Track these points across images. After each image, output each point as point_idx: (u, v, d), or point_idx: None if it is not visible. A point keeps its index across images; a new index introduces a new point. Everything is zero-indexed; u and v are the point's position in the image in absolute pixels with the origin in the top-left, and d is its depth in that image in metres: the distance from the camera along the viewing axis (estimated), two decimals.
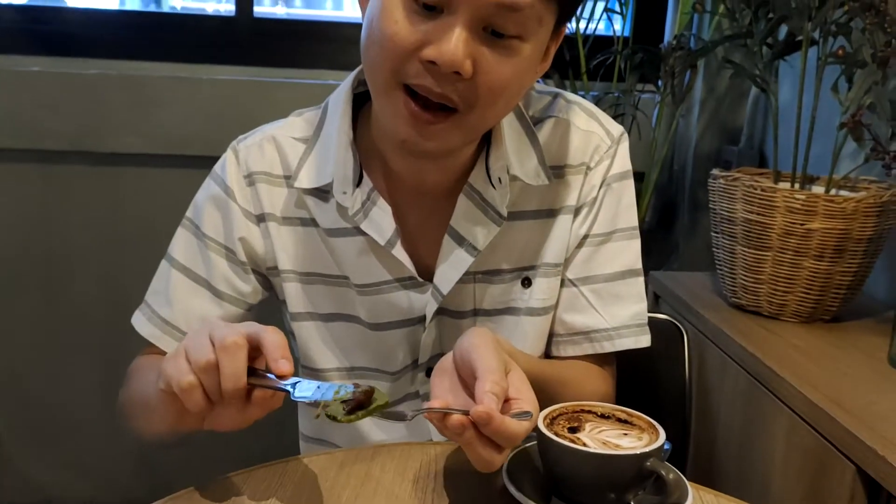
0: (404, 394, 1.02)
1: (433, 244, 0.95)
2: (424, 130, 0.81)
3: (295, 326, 1.01)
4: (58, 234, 1.98)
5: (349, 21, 2.12)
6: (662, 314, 1.23)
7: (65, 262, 1.99)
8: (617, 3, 1.89)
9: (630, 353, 0.99)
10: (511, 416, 0.69)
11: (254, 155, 0.97)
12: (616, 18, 1.92)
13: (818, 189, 1.38)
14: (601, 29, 1.93)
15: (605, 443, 0.73)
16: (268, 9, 2.62)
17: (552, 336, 1.01)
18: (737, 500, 0.80)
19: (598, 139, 0.98)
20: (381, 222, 0.92)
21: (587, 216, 0.98)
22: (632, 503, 0.72)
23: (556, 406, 0.78)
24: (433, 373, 0.77)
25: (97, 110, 1.88)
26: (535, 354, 1.00)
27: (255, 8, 2.00)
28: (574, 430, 0.75)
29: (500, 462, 0.70)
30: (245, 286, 0.98)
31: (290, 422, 1.10)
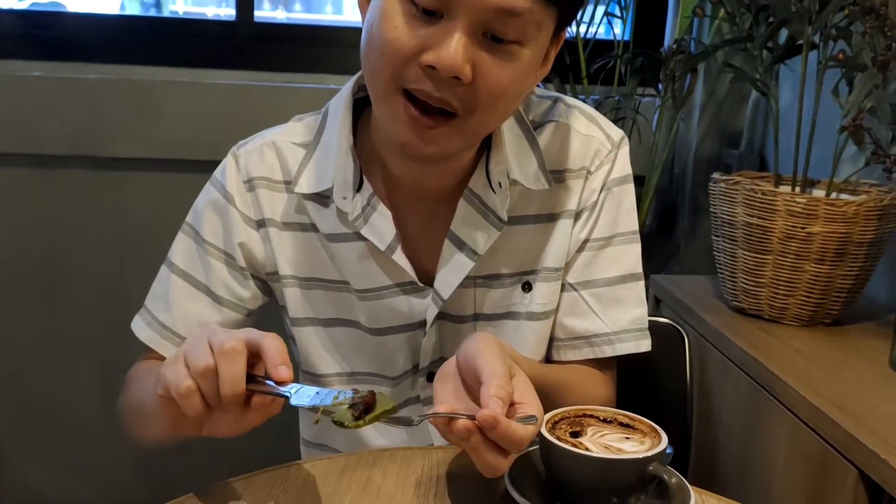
0: (405, 399, 1.01)
1: (433, 249, 0.95)
2: (424, 135, 0.81)
3: (295, 332, 1.01)
4: (58, 239, 1.97)
5: (349, 25, 2.13)
6: (663, 318, 1.23)
7: (65, 267, 1.99)
8: (617, 7, 1.90)
9: (631, 357, 0.99)
10: (516, 421, 0.68)
11: (254, 160, 0.97)
12: (616, 22, 1.92)
13: (819, 193, 1.38)
14: (601, 33, 1.93)
15: (608, 447, 0.73)
16: (268, 13, 2.62)
17: (553, 340, 1.01)
18: None
19: (599, 143, 0.98)
20: (382, 227, 0.92)
21: (587, 220, 0.98)
22: None
23: (559, 410, 0.78)
24: (436, 378, 0.77)
25: (98, 115, 1.88)
26: (536, 359, 1.00)
27: (256, 12, 2.00)
28: (576, 435, 0.75)
29: (506, 467, 0.70)
30: (244, 292, 0.98)
31: (292, 427, 1.10)
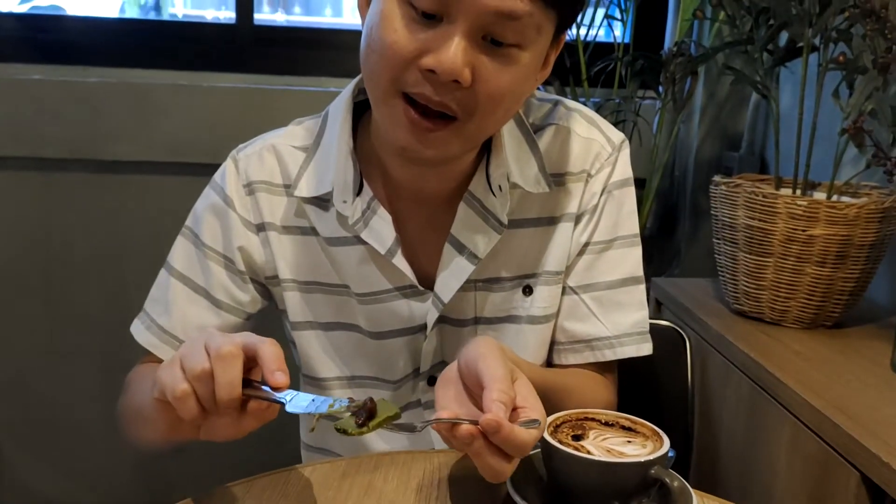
0: (406, 403, 1.01)
1: (433, 252, 0.94)
2: (424, 138, 0.81)
3: (295, 335, 1.00)
4: (58, 242, 1.97)
5: (349, 28, 2.13)
6: (665, 321, 1.23)
7: (65, 270, 1.99)
8: (617, 10, 1.90)
9: (632, 360, 0.99)
10: (519, 425, 0.68)
11: (253, 164, 0.97)
12: (616, 25, 1.93)
13: (820, 195, 1.38)
14: (601, 36, 1.93)
15: (609, 450, 0.73)
16: (267, 16, 2.62)
17: (553, 344, 1.01)
18: None
19: (599, 146, 0.98)
20: (382, 231, 0.92)
21: (588, 224, 0.98)
22: None
23: (560, 414, 0.78)
24: (438, 383, 0.77)
25: (98, 118, 1.88)
26: (537, 363, 1.00)
27: (255, 15, 2.00)
28: (578, 438, 0.75)
29: (510, 472, 0.70)
30: (243, 296, 0.98)
31: (292, 431, 1.10)
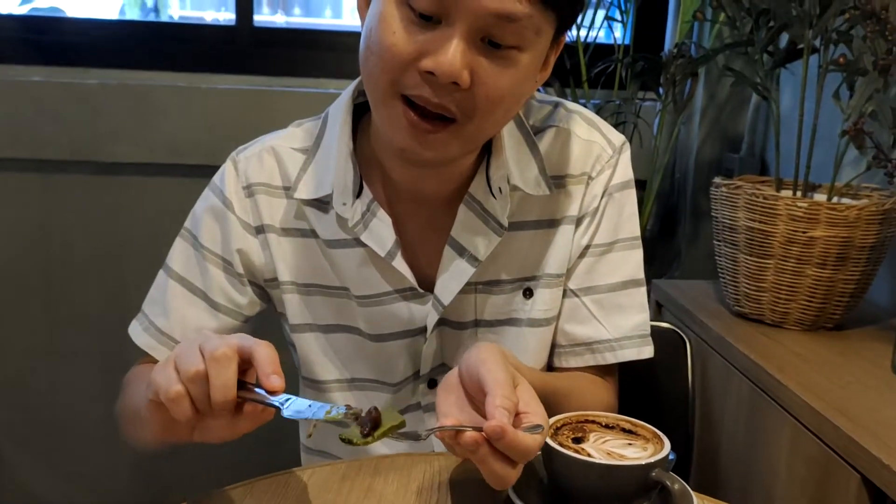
0: (406, 405, 1.01)
1: (433, 254, 0.94)
2: (423, 139, 0.81)
3: (295, 338, 1.00)
4: (58, 243, 1.97)
5: (349, 30, 2.13)
6: (665, 323, 1.22)
7: (65, 271, 1.99)
8: (617, 12, 1.89)
9: (633, 362, 0.99)
10: (523, 430, 0.68)
11: (253, 166, 0.97)
12: (616, 26, 1.92)
13: (820, 197, 1.37)
14: (601, 37, 1.93)
15: (610, 453, 0.73)
16: (267, 17, 2.62)
17: (554, 347, 1.01)
18: None
19: (600, 149, 0.98)
20: (382, 233, 0.92)
21: (589, 226, 0.98)
22: None
23: (561, 416, 0.78)
24: (438, 389, 0.76)
25: (97, 120, 1.88)
26: (538, 366, 1.00)
27: (255, 17, 2.00)
28: (578, 441, 0.75)
29: (515, 477, 0.69)
30: (242, 298, 0.98)
31: (291, 432, 1.10)
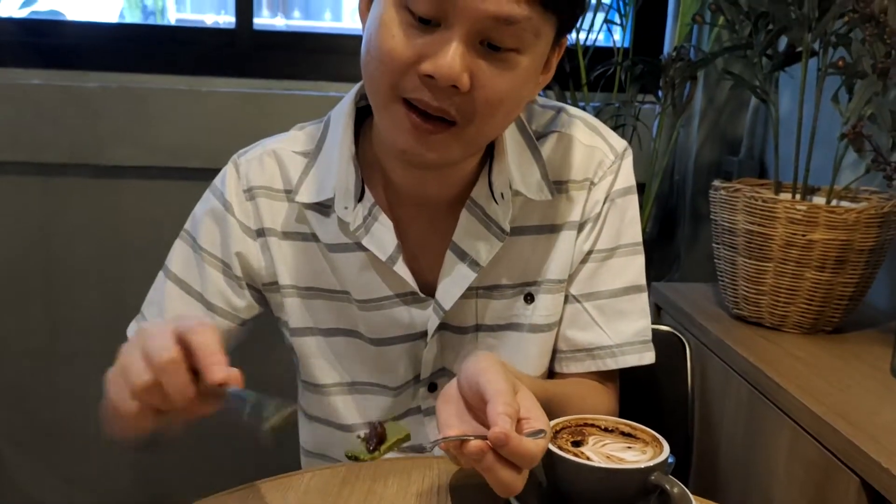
0: (406, 409, 1.01)
1: (435, 259, 0.94)
2: (425, 140, 0.81)
3: (295, 342, 1.00)
4: (58, 246, 1.97)
5: (349, 33, 2.13)
6: (664, 326, 1.22)
7: (65, 274, 1.99)
8: (617, 15, 1.90)
9: (633, 367, 0.99)
10: (526, 436, 0.68)
11: (254, 169, 0.97)
12: (616, 30, 1.93)
13: (819, 200, 1.37)
14: (601, 40, 1.93)
15: (609, 456, 0.73)
16: (267, 20, 2.62)
17: (555, 352, 1.01)
18: None
19: (602, 154, 0.98)
20: (383, 238, 0.92)
21: (591, 232, 0.98)
22: None
23: (560, 420, 0.78)
24: (438, 401, 0.75)
25: (97, 123, 1.88)
26: (539, 371, 1.00)
27: (255, 20, 2.00)
28: (578, 444, 0.75)
29: (522, 483, 0.69)
30: (239, 301, 0.98)
31: (291, 435, 1.10)
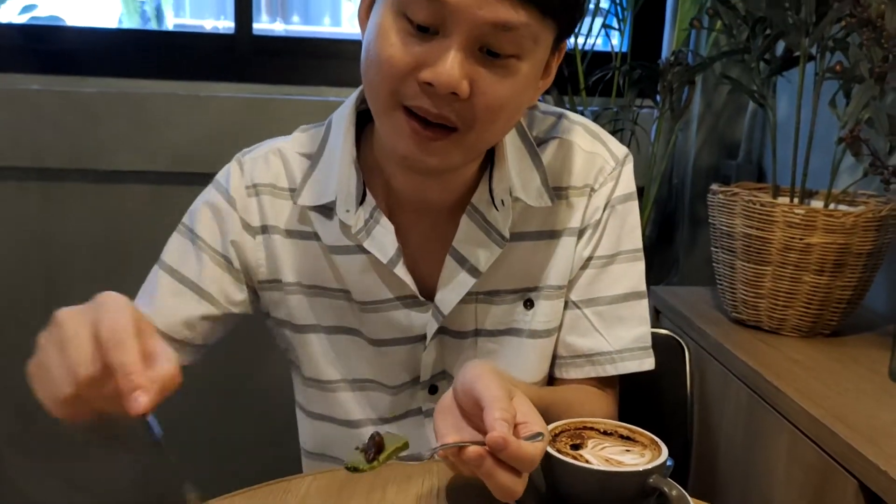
0: (406, 410, 1.01)
1: (435, 263, 0.95)
2: (426, 147, 0.81)
3: (300, 338, 1.00)
4: (58, 252, 1.97)
5: (348, 37, 2.14)
6: (663, 329, 1.23)
7: (65, 280, 1.99)
8: (615, 20, 1.91)
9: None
10: (524, 440, 0.68)
11: (259, 167, 0.97)
12: (614, 35, 1.93)
13: (817, 203, 1.38)
14: (599, 45, 1.94)
15: (608, 459, 0.73)
16: (266, 25, 2.63)
17: (555, 358, 1.01)
18: None
19: (603, 161, 0.98)
20: (384, 241, 0.92)
21: (591, 238, 0.98)
22: None
23: (559, 423, 0.78)
24: (435, 412, 0.75)
25: (97, 128, 1.88)
26: (539, 376, 1.00)
27: (254, 25, 2.01)
28: (576, 447, 0.75)
29: (522, 487, 0.69)
30: (235, 294, 0.97)
31: (291, 437, 1.10)
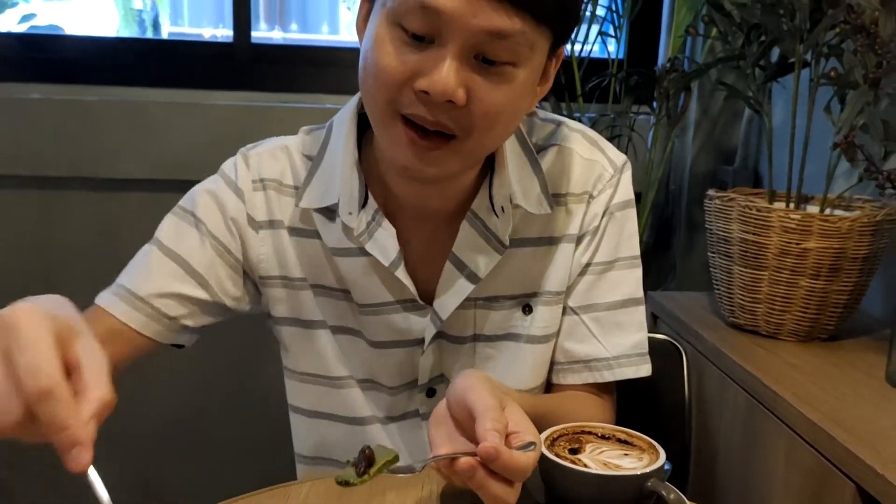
0: (404, 412, 1.02)
1: (434, 268, 0.95)
2: (424, 156, 0.81)
3: (309, 335, 1.00)
4: (58, 261, 1.97)
5: (346, 45, 2.14)
6: (661, 334, 1.23)
7: (65, 288, 1.94)
8: (611, 27, 1.91)
9: None
10: (516, 449, 0.68)
11: (266, 162, 0.98)
12: (610, 41, 1.94)
13: (813, 209, 1.38)
14: (596, 52, 1.95)
15: (606, 463, 0.73)
16: (264, 33, 2.64)
17: (553, 364, 1.01)
18: None
19: (601, 168, 0.98)
20: (386, 243, 0.93)
21: (589, 245, 0.98)
22: None
23: (557, 427, 0.79)
24: (429, 423, 0.76)
25: (97, 137, 1.89)
26: (537, 382, 1.00)
27: (253, 33, 2.02)
28: (575, 452, 0.75)
29: (515, 498, 0.70)
30: (229, 285, 0.98)
31: (286, 443, 1.10)
